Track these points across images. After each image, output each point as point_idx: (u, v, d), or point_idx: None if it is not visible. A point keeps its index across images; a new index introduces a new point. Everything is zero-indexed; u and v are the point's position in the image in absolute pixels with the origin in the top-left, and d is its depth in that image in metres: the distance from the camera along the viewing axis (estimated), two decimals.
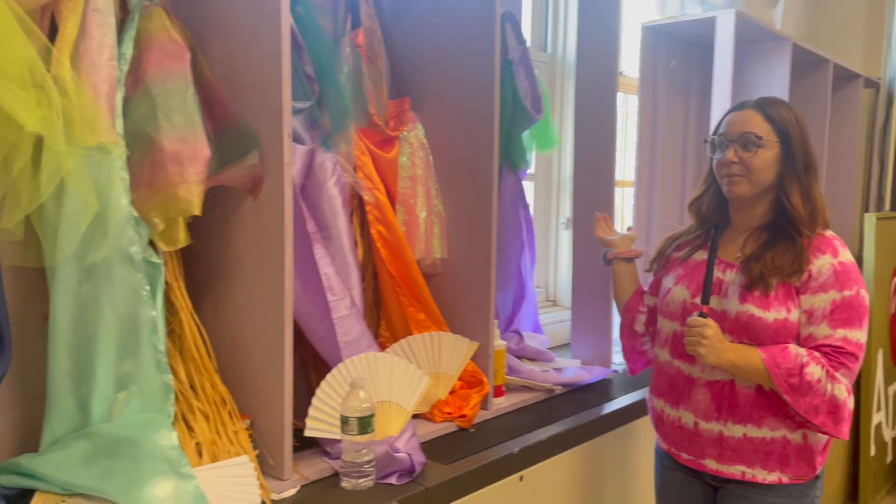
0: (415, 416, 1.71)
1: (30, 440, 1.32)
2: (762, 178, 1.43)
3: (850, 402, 1.38)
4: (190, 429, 1.35)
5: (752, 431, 1.43)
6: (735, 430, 1.44)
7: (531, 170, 2.67)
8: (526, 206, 2.24)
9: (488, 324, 1.84)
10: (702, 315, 1.41)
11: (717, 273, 1.47)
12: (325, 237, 1.67)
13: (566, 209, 2.83)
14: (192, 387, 1.39)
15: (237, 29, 1.39)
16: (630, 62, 3.07)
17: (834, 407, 1.37)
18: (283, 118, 1.33)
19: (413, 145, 1.91)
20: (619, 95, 2.28)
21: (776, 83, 3.05)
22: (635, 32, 2.87)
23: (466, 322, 1.87)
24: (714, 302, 1.45)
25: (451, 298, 1.92)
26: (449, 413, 1.75)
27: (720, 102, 2.66)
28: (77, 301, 1.24)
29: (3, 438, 1.31)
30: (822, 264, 1.40)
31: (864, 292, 1.41)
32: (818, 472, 1.46)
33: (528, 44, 2.20)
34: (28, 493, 1.19)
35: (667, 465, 1.61)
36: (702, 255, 1.53)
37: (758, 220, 1.48)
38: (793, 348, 1.38)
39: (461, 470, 1.50)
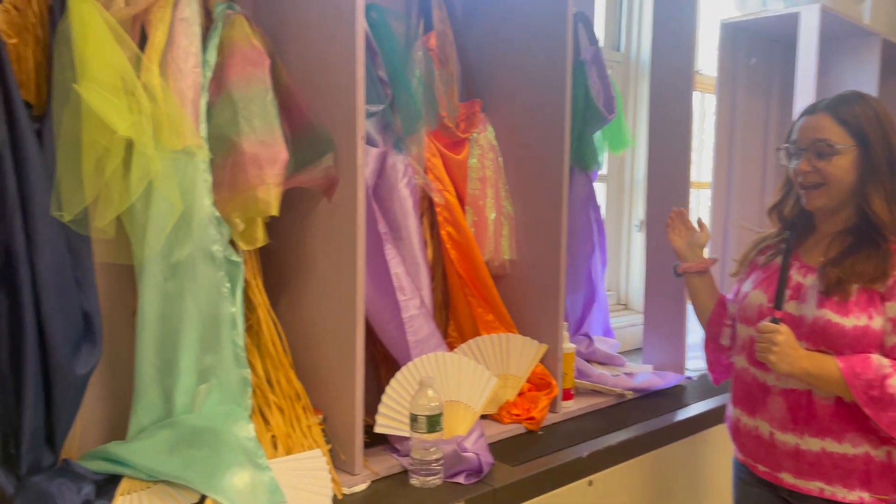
0: (483, 417, 1.72)
1: (118, 428, 1.39)
2: (841, 187, 1.35)
3: None
4: (266, 422, 1.40)
5: (832, 446, 1.34)
6: (813, 444, 1.36)
7: (603, 171, 2.64)
8: (597, 208, 2.21)
9: (557, 326, 1.83)
10: (774, 321, 1.34)
11: (796, 277, 1.41)
12: (396, 238, 1.69)
13: (639, 211, 2.78)
14: (269, 381, 1.44)
15: (314, 35, 1.43)
16: (707, 60, 2.99)
17: None
18: (357, 121, 1.36)
19: (483, 147, 1.92)
20: (696, 94, 2.23)
21: (864, 81, 2.91)
22: (713, 30, 2.80)
23: (535, 324, 1.86)
24: (791, 307, 1.38)
25: (519, 300, 1.91)
26: (517, 415, 1.75)
27: (803, 102, 2.56)
28: (163, 297, 1.30)
29: (93, 427, 1.38)
30: None
31: None
32: None
33: (601, 43, 2.17)
34: (116, 479, 1.25)
35: (744, 478, 1.53)
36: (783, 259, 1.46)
37: (842, 224, 1.40)
38: (875, 358, 1.30)
39: (529, 472, 1.50)
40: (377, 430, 1.50)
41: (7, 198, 1.11)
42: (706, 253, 1.76)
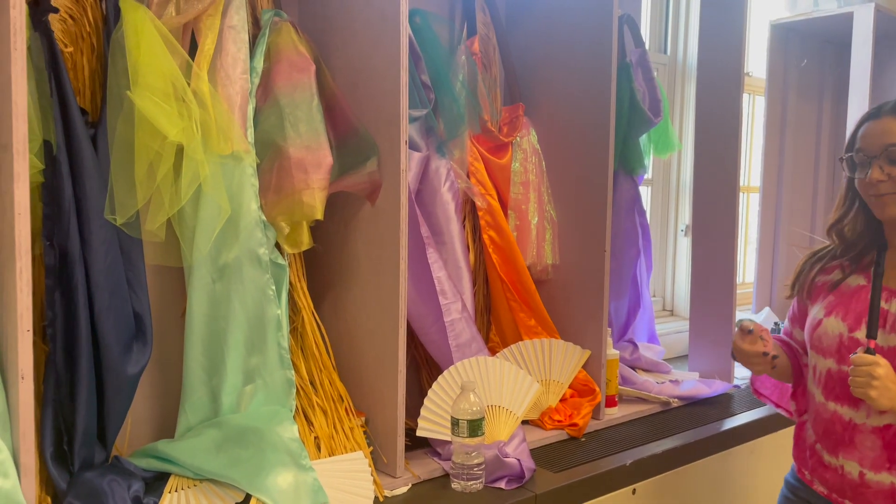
0: (524, 423, 1.71)
1: (166, 427, 1.42)
2: None
3: None
4: (309, 423, 1.41)
5: None
6: None
7: (648, 175, 2.60)
8: (642, 212, 2.18)
9: (601, 332, 1.80)
10: (868, 351, 1.21)
11: (881, 303, 1.27)
12: (438, 242, 1.70)
13: (685, 216, 2.73)
14: (312, 383, 1.45)
15: (359, 40, 1.44)
16: (757, 62, 2.93)
17: None
18: (401, 126, 1.36)
19: (526, 151, 1.91)
20: (745, 97, 2.18)
21: None
22: (762, 31, 2.74)
23: (578, 329, 1.84)
24: (880, 337, 1.24)
25: (562, 305, 1.90)
26: (559, 421, 1.73)
27: (857, 104, 2.48)
28: (211, 298, 1.33)
29: (143, 425, 1.42)
30: None
31: None
32: None
33: (647, 46, 2.14)
34: (164, 476, 1.28)
35: (807, 500, 1.40)
36: (857, 281, 1.33)
37: None
38: None
39: (572, 479, 1.48)
40: (419, 433, 1.50)
41: (63, 201, 1.15)
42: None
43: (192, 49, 1.30)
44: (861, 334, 1.25)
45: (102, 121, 1.22)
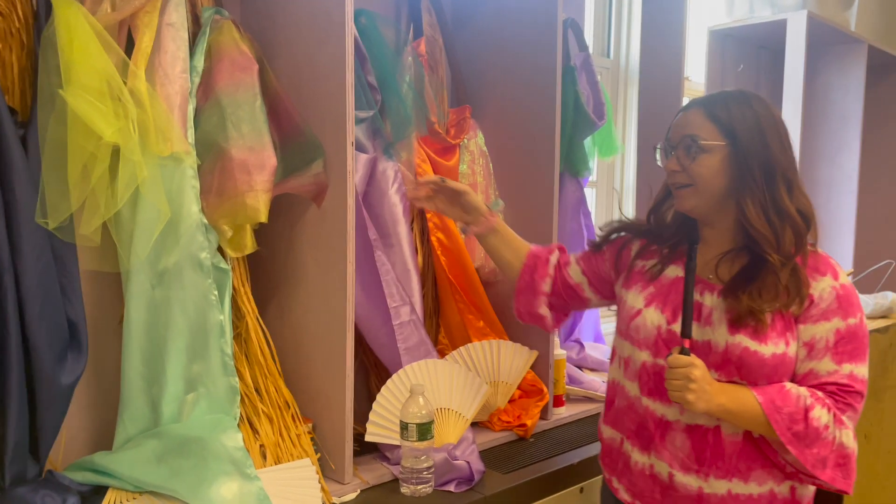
0: (474, 424, 1.71)
1: (104, 438, 1.37)
2: (711, 188, 1.21)
3: (856, 450, 1.18)
4: (254, 431, 1.38)
5: (738, 487, 1.20)
6: (718, 487, 1.20)
7: (593, 177, 2.64)
8: (588, 214, 2.22)
9: (548, 333, 1.82)
10: (683, 351, 1.17)
11: (695, 296, 1.24)
12: (386, 244, 1.69)
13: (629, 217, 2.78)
14: (257, 390, 1.42)
15: (303, 40, 1.42)
16: (696, 67, 3.01)
17: (843, 457, 1.16)
18: (347, 127, 1.35)
19: (473, 153, 1.92)
20: (685, 101, 2.23)
21: (851, 87, 2.94)
22: (701, 36, 2.81)
23: (526, 331, 1.86)
24: (695, 331, 1.21)
25: (510, 307, 1.90)
26: (508, 422, 1.74)
27: (791, 107, 2.57)
28: (150, 305, 1.29)
29: (78, 437, 1.36)
30: (823, 288, 1.18)
31: (865, 320, 1.20)
32: None
33: (591, 50, 2.17)
34: (101, 490, 1.24)
35: None
36: (675, 272, 1.28)
37: (730, 238, 1.25)
38: (792, 388, 1.16)
39: (520, 479, 1.49)
40: (368, 438, 1.49)
41: None
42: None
43: (129, 47, 1.26)
44: (678, 327, 1.21)
45: (33, 120, 1.17)
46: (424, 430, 1.38)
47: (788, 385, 1.17)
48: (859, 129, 2.95)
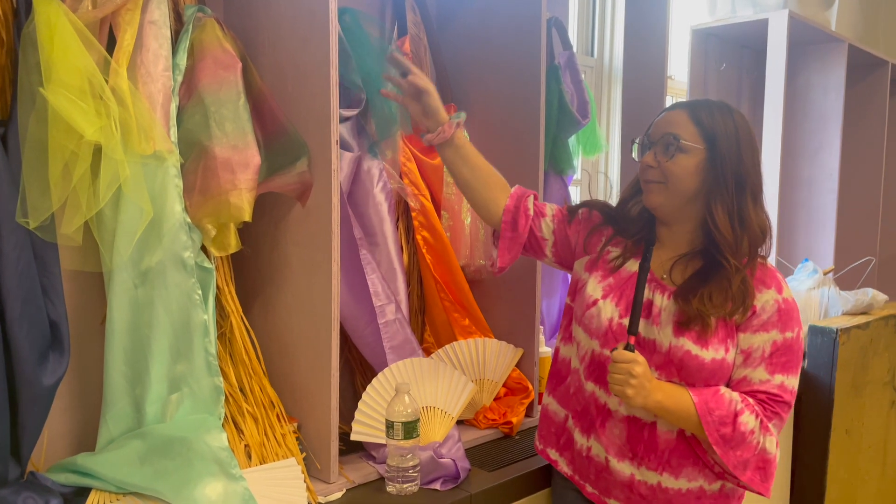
0: (459, 422, 1.71)
1: (86, 440, 1.36)
2: (682, 188, 1.24)
3: (777, 456, 1.25)
4: (239, 431, 1.38)
5: (668, 481, 1.26)
6: (649, 477, 1.27)
7: (577, 175, 2.65)
8: None
9: (533, 330, 1.83)
10: (628, 348, 1.21)
11: (648, 293, 1.28)
12: (372, 243, 1.68)
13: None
14: (242, 389, 1.42)
15: (287, 38, 1.41)
16: (679, 66, 3.03)
17: (763, 462, 1.23)
18: (332, 126, 1.34)
19: None
20: (668, 100, 2.25)
21: (831, 86, 2.97)
22: (684, 35, 2.83)
23: (511, 328, 1.86)
24: (642, 327, 1.26)
25: (496, 304, 1.91)
26: (493, 420, 1.74)
27: (773, 106, 2.60)
28: (133, 304, 1.28)
29: (61, 438, 1.35)
30: (766, 300, 1.24)
31: (802, 335, 1.26)
32: None
33: (575, 48, 2.18)
34: (84, 492, 1.22)
35: (565, 488, 1.42)
36: (634, 267, 1.32)
37: (687, 241, 1.30)
38: (726, 393, 1.22)
39: (506, 477, 1.49)
40: (353, 437, 1.48)
41: None
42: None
43: (111, 45, 1.24)
44: (627, 328, 1.25)
45: (13, 119, 1.15)
46: (410, 429, 1.38)
47: (723, 389, 1.23)
48: (840, 127, 2.99)
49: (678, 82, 3.01)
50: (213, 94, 1.32)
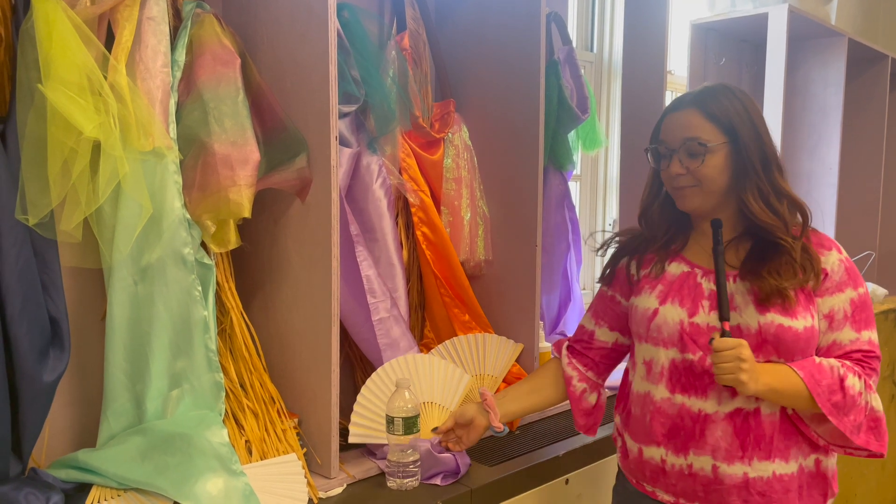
0: None
1: (87, 436, 1.36)
2: (716, 186, 1.24)
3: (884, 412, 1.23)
4: (240, 426, 1.38)
5: (781, 468, 1.22)
6: (763, 469, 1.21)
7: (577, 171, 2.65)
8: (572, 207, 2.22)
9: (533, 326, 1.83)
10: (724, 334, 1.17)
11: (708, 285, 1.25)
12: (370, 239, 1.68)
13: (613, 210, 2.80)
14: (242, 385, 1.42)
15: (285, 34, 1.41)
16: (678, 61, 3.02)
17: (875, 421, 1.21)
18: (331, 121, 1.34)
19: (458, 147, 1.92)
20: (667, 95, 2.25)
21: (831, 80, 2.96)
22: (683, 30, 2.83)
23: (511, 324, 1.86)
24: (715, 319, 1.22)
25: (495, 300, 1.91)
26: None
27: (772, 100, 2.59)
28: (133, 301, 1.28)
29: (61, 434, 1.35)
30: (832, 262, 1.23)
31: None
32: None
33: (574, 43, 2.18)
34: (85, 487, 1.23)
35: None
36: (680, 268, 1.30)
37: (729, 228, 1.27)
38: (823, 361, 1.19)
39: (506, 472, 1.50)
40: (352, 440, 1.48)
41: None
42: None
43: (109, 41, 1.24)
44: (700, 319, 1.23)
45: (11, 116, 1.15)
46: (410, 424, 1.39)
47: (818, 359, 1.21)
48: (839, 121, 2.98)
49: (678, 77, 3.00)
50: (212, 90, 1.32)
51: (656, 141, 1.30)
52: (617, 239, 1.46)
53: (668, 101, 2.25)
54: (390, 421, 1.39)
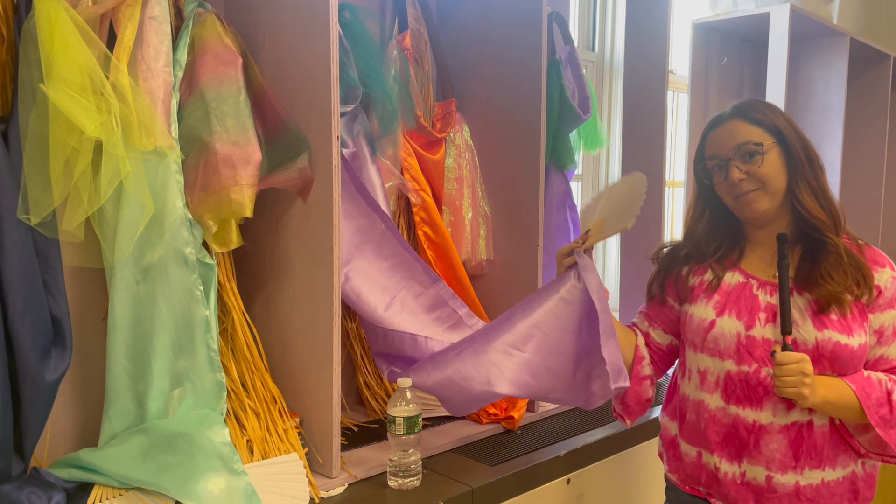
0: (461, 418, 1.71)
1: (89, 435, 1.36)
2: (777, 186, 1.26)
3: None
4: (241, 426, 1.38)
5: (830, 475, 1.26)
6: (813, 477, 1.25)
7: (578, 170, 2.65)
8: (573, 207, 2.22)
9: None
10: (786, 347, 1.19)
11: (764, 297, 1.28)
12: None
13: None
14: (244, 385, 1.42)
15: (287, 34, 1.41)
16: (680, 60, 3.02)
17: None
18: (332, 121, 1.34)
19: (459, 147, 1.92)
20: (669, 94, 2.24)
21: (833, 80, 2.96)
22: (685, 30, 2.83)
23: None
24: (770, 332, 1.25)
25: (497, 300, 1.91)
26: (495, 414, 1.74)
27: (774, 99, 2.59)
28: (135, 300, 1.28)
29: (63, 433, 1.36)
30: (886, 279, 1.26)
31: None
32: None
33: (576, 43, 2.18)
34: (87, 487, 1.23)
35: None
36: (735, 278, 1.32)
37: (784, 231, 1.30)
38: (873, 375, 1.24)
39: (507, 472, 1.50)
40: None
41: None
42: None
43: (111, 41, 1.24)
44: (757, 332, 1.25)
45: (14, 115, 1.16)
46: (412, 424, 1.39)
47: (867, 372, 1.25)
48: (841, 121, 2.98)
49: (679, 77, 3.00)
50: (214, 89, 1.32)
51: (705, 159, 1.32)
52: (665, 249, 1.46)
53: (668, 101, 2.25)
54: (391, 420, 1.39)
